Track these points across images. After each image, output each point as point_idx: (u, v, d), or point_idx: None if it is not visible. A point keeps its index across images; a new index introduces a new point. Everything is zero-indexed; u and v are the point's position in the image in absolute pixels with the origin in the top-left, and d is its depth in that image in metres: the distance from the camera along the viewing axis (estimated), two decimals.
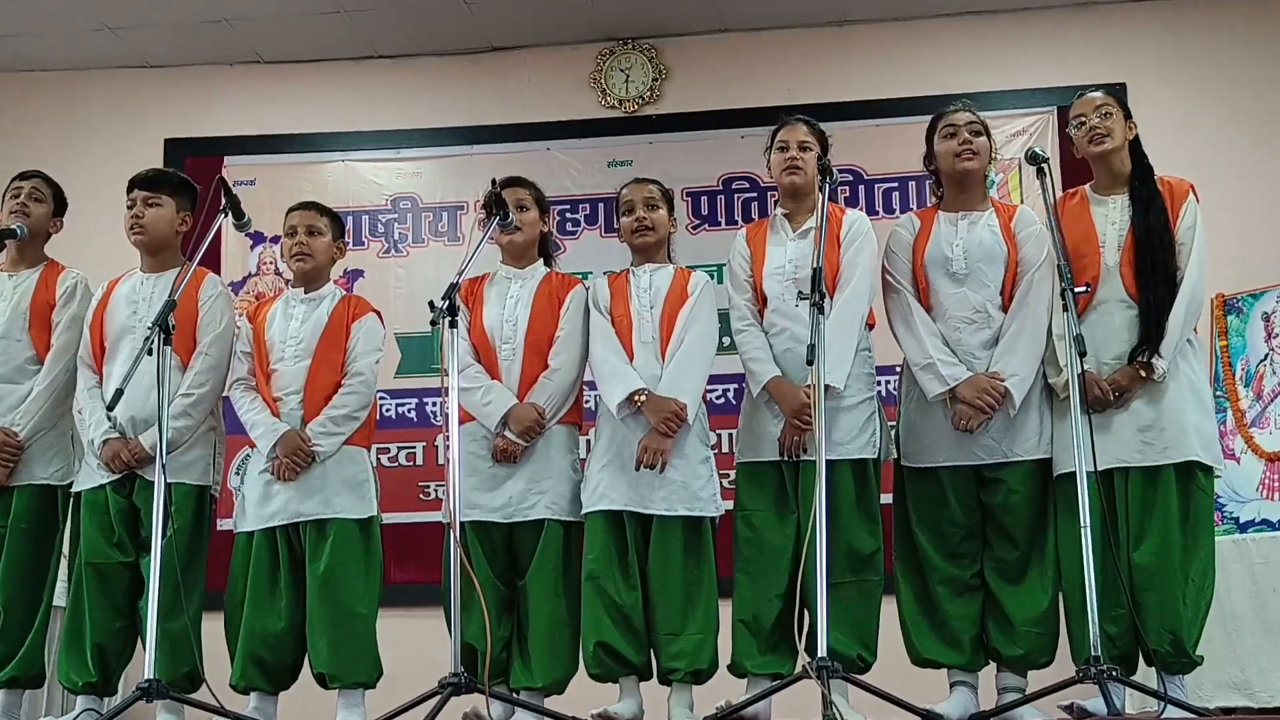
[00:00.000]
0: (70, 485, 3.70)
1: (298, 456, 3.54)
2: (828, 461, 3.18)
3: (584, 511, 3.53)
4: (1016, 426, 3.40)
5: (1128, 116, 3.51)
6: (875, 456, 3.48)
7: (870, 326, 3.56)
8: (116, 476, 3.58)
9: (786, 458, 3.44)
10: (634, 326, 3.58)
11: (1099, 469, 3.20)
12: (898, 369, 3.64)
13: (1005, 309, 3.44)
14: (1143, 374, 3.30)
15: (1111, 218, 3.44)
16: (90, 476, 3.62)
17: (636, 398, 3.48)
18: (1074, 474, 3.24)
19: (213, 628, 3.62)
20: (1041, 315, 3.42)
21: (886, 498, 3.52)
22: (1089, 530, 3.06)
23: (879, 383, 3.63)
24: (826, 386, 3.21)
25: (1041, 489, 3.43)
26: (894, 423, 3.60)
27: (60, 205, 3.92)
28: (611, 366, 3.54)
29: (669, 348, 3.55)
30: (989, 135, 3.57)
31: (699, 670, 3.44)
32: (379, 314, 3.79)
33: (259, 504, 3.59)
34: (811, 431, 3.34)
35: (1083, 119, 3.49)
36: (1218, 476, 3.42)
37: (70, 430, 3.77)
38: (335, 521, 3.55)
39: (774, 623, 3.43)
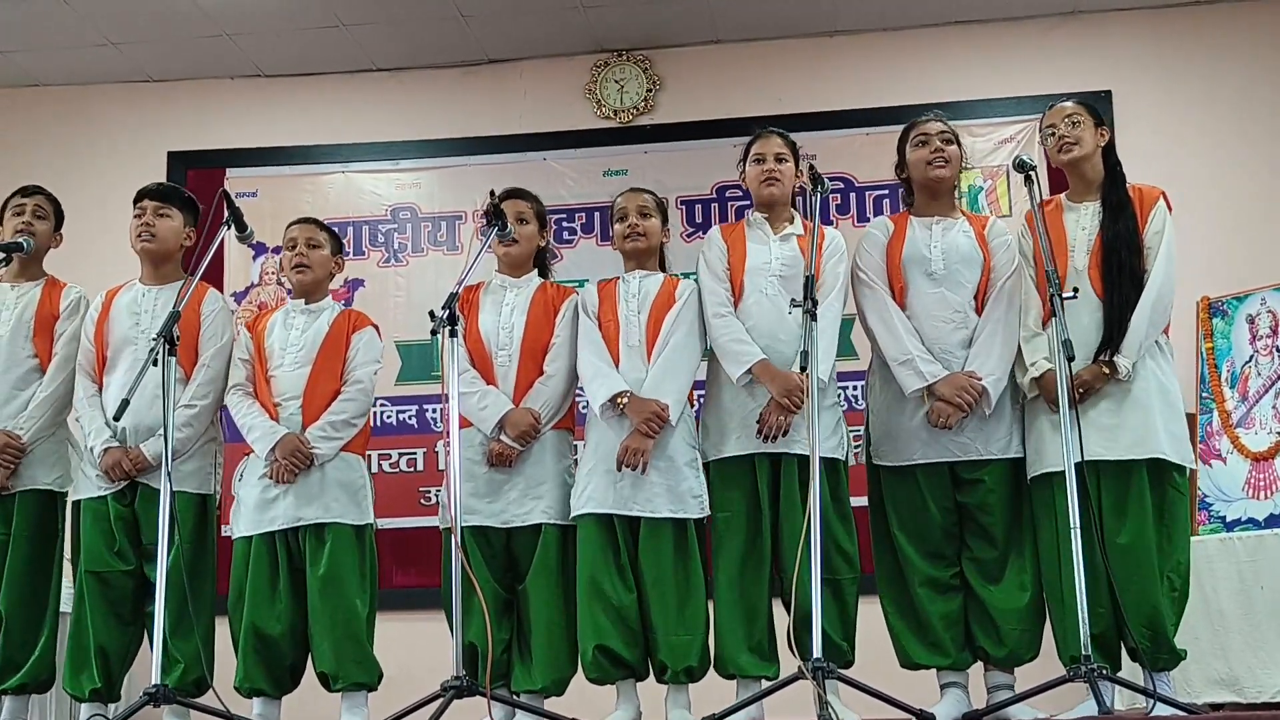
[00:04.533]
0: (68, 492, 3.74)
1: (296, 458, 3.58)
2: (805, 459, 3.24)
3: (573, 515, 3.57)
4: (990, 426, 3.45)
5: (1099, 124, 3.55)
6: (844, 457, 3.54)
7: None
8: (117, 487, 3.62)
9: (766, 438, 3.47)
10: (620, 331, 3.62)
11: (1071, 467, 3.22)
12: (863, 374, 3.70)
13: (979, 312, 3.50)
14: (1106, 371, 3.35)
15: (1082, 223, 3.49)
16: (89, 486, 3.66)
17: (619, 399, 3.53)
18: (1049, 475, 3.32)
19: (219, 631, 3.67)
20: (1014, 319, 3.48)
21: (856, 501, 3.57)
22: (1078, 531, 3.09)
23: (839, 389, 3.69)
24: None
25: (1016, 488, 3.48)
26: (855, 428, 3.66)
27: (60, 221, 3.97)
28: (595, 369, 3.59)
29: (654, 351, 3.59)
30: (960, 144, 3.64)
31: (690, 668, 3.48)
32: (377, 328, 3.85)
33: (258, 509, 3.63)
34: (794, 416, 3.41)
35: (1053, 129, 3.55)
36: (1195, 469, 3.45)
37: (68, 438, 3.83)
38: (333, 527, 3.60)
39: (757, 623, 3.47)
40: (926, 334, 3.49)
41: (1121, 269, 3.38)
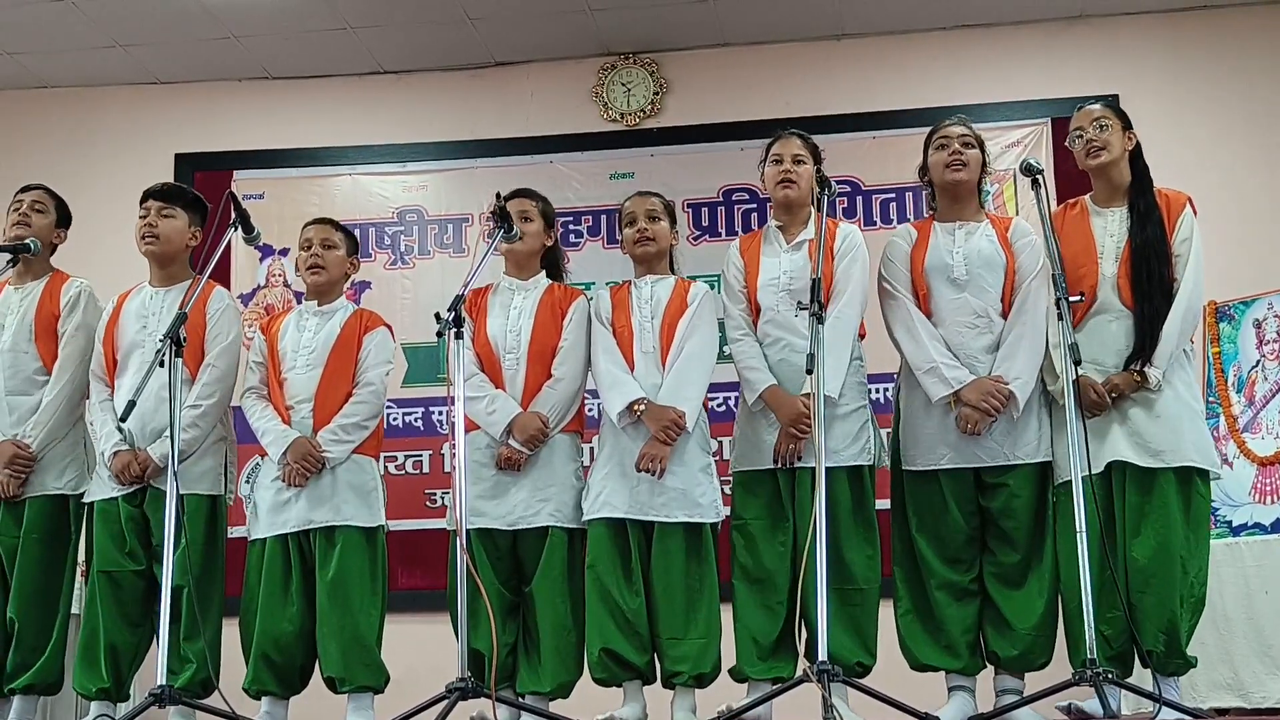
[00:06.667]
0: (83, 494, 3.73)
1: (307, 462, 3.59)
2: (826, 468, 3.23)
3: (585, 518, 3.58)
4: (1018, 430, 3.44)
5: (1127, 128, 3.53)
6: (870, 464, 3.52)
7: (861, 336, 3.61)
8: (129, 490, 3.63)
9: (781, 465, 3.48)
10: (635, 337, 3.62)
11: (1097, 471, 3.24)
12: (894, 376, 3.69)
13: (1004, 315, 3.49)
14: (1137, 380, 3.35)
15: (1110, 229, 3.48)
16: (102, 488, 3.67)
17: (636, 407, 3.53)
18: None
19: (228, 633, 3.68)
20: (1040, 322, 3.47)
21: (882, 504, 3.56)
22: (1084, 535, 3.09)
23: (871, 391, 3.68)
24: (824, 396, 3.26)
25: (1041, 493, 3.47)
26: (887, 430, 3.65)
27: (63, 216, 3.95)
28: (613, 377, 3.59)
29: (669, 357, 3.59)
30: (983, 149, 3.62)
31: (701, 674, 3.48)
32: (390, 328, 3.86)
33: (271, 511, 3.64)
34: (807, 440, 3.40)
35: (1081, 131, 3.53)
36: (1216, 479, 3.44)
37: (83, 439, 3.82)
38: (343, 529, 3.61)
39: (775, 630, 3.46)
40: (951, 340, 3.49)
41: (1151, 279, 3.37)
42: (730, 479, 3.63)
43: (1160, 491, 3.31)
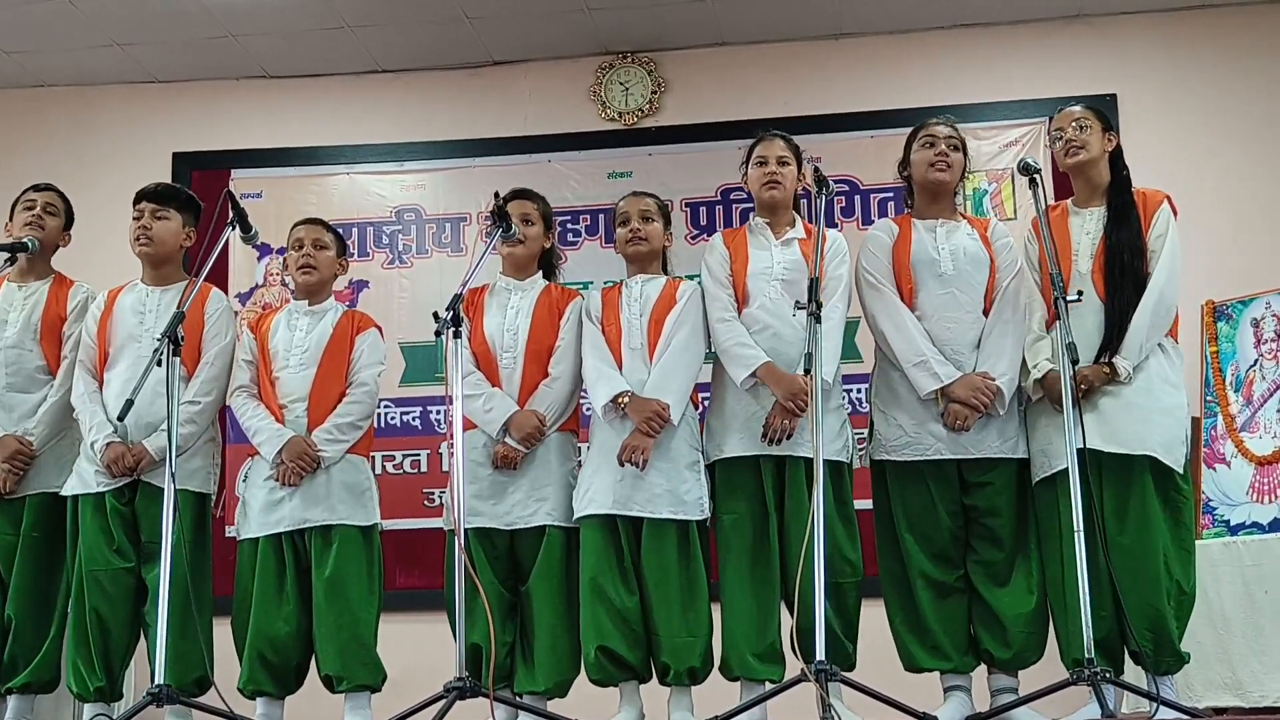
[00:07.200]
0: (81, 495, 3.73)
1: (303, 460, 3.60)
2: (809, 461, 3.25)
3: (576, 516, 3.58)
4: (1000, 424, 3.46)
5: (1107, 129, 3.56)
6: (848, 460, 3.54)
7: None
8: (117, 484, 3.62)
9: (771, 442, 3.47)
10: (623, 334, 3.63)
11: (1066, 465, 3.22)
12: (868, 376, 3.71)
13: (985, 313, 3.51)
14: (1107, 372, 3.36)
15: (1087, 228, 3.51)
16: (86, 482, 3.65)
17: (620, 399, 3.54)
18: (1054, 477, 3.33)
19: (221, 632, 3.68)
20: (1021, 320, 3.50)
21: (858, 504, 3.56)
22: (1081, 534, 3.10)
23: (844, 392, 3.70)
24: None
25: (1023, 490, 3.49)
26: (859, 430, 3.66)
27: (70, 219, 3.99)
28: (599, 371, 3.60)
29: (656, 352, 3.60)
30: (966, 151, 3.64)
31: (693, 669, 3.49)
32: (380, 329, 3.87)
33: (264, 510, 3.64)
34: (800, 419, 3.41)
35: (1061, 132, 3.56)
36: (1186, 473, 3.44)
37: (79, 439, 3.79)
38: (340, 528, 3.61)
39: (764, 625, 3.46)
40: (937, 335, 3.50)
41: (1124, 272, 3.39)
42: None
43: (1138, 489, 3.32)
